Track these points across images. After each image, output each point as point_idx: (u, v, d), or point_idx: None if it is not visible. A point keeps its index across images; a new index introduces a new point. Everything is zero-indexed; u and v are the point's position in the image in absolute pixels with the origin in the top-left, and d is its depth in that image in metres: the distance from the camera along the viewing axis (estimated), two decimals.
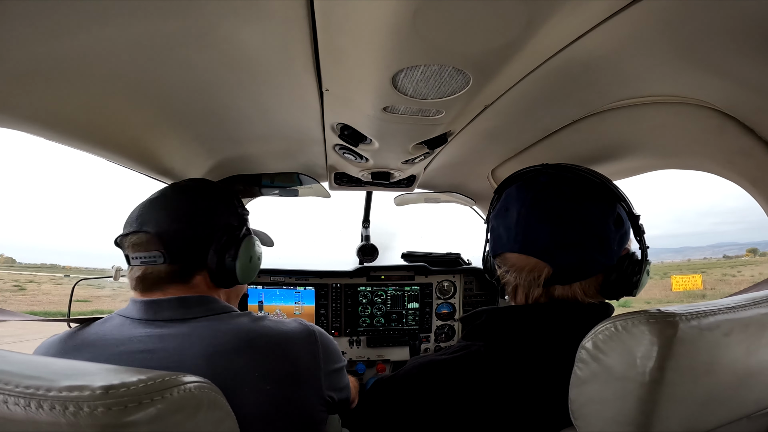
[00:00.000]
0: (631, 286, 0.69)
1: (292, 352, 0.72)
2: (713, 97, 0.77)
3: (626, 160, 1.09)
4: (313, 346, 0.75)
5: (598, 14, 0.56)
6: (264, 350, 0.68)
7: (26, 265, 51.13)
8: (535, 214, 0.69)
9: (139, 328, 0.70)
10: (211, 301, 0.76)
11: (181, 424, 0.41)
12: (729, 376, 0.52)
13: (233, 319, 0.73)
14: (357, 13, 0.52)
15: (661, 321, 0.47)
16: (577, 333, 0.54)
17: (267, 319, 0.75)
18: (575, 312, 0.68)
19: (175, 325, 0.70)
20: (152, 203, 0.77)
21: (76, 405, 0.36)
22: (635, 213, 0.70)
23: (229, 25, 0.61)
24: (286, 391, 0.68)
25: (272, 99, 0.90)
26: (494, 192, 0.82)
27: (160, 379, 0.41)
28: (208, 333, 0.68)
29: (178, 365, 0.63)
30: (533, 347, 0.66)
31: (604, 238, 0.67)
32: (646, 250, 0.71)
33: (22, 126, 0.74)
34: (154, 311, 0.72)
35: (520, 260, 0.71)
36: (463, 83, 0.67)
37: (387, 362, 1.89)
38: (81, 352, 0.67)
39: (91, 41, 0.62)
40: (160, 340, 0.67)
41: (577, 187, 0.69)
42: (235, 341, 0.67)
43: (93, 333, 0.71)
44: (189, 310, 0.72)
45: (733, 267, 44.46)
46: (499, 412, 0.62)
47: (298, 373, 0.71)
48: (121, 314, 0.74)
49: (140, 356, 0.65)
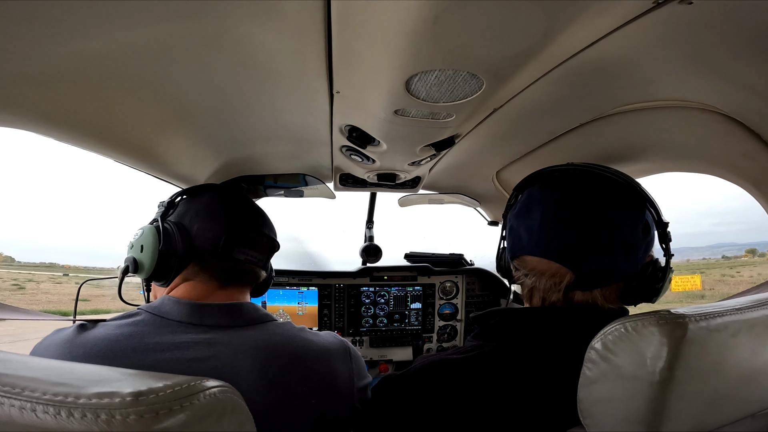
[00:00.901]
0: (653, 293, 0.67)
1: (332, 367, 0.72)
2: (720, 101, 0.78)
3: (632, 163, 1.10)
4: (348, 363, 0.76)
5: (616, 21, 0.57)
6: (312, 364, 0.69)
7: (25, 263, 50.94)
8: (560, 218, 0.66)
9: (180, 332, 0.66)
10: (254, 309, 0.75)
11: (208, 429, 0.41)
12: (735, 375, 0.53)
13: (279, 329, 0.72)
14: (376, 17, 0.52)
15: (671, 322, 0.48)
16: (594, 336, 0.54)
17: (306, 329, 0.76)
18: (594, 316, 0.66)
19: (222, 332, 0.67)
20: (257, 213, 0.87)
21: (108, 413, 0.36)
22: (664, 220, 0.68)
23: (245, 27, 0.61)
24: (327, 405, 0.69)
25: (282, 100, 0.90)
26: (514, 189, 0.79)
27: (186, 384, 0.41)
28: (260, 344, 0.67)
29: (233, 376, 0.61)
30: (548, 349, 0.65)
31: (632, 245, 0.65)
32: (670, 258, 0.68)
33: (33, 126, 0.75)
34: (200, 316, 0.68)
35: (541, 264, 0.69)
36: (475, 87, 0.68)
37: (390, 362, 1.90)
38: (114, 358, 0.60)
39: (106, 42, 0.62)
40: (209, 348, 0.64)
41: (606, 190, 0.66)
42: (287, 354, 0.68)
43: (125, 333, 0.64)
44: (236, 318, 0.71)
45: (732, 267, 44.48)
46: (509, 413, 0.62)
47: (337, 387, 0.72)
48: (154, 312, 0.68)
49: (189, 364, 0.62)
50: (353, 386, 0.76)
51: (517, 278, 0.74)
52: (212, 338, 0.66)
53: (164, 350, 0.63)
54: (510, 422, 0.62)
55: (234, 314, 0.71)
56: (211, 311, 0.70)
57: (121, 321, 0.67)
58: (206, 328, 0.67)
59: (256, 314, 0.74)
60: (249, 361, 0.64)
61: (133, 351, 0.62)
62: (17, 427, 0.38)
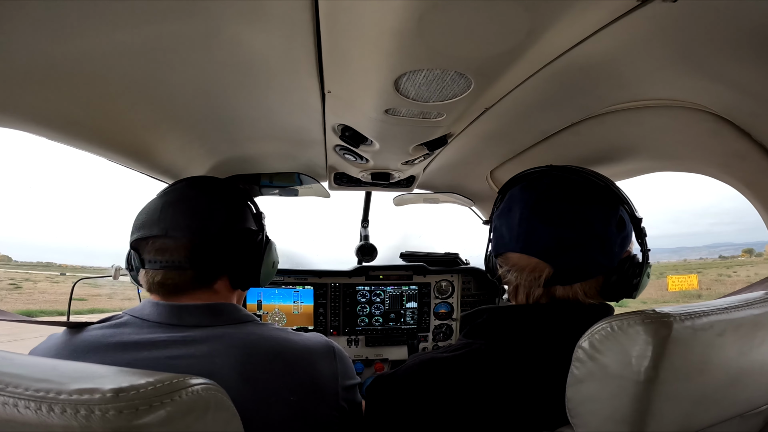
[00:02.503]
0: (631, 288, 0.70)
1: (315, 365, 0.72)
2: (710, 101, 0.78)
3: (624, 163, 1.10)
4: (332, 362, 0.76)
5: (600, 20, 0.57)
6: (291, 362, 0.69)
7: (22, 263, 50.78)
8: (537, 215, 0.70)
9: (159, 332, 0.67)
10: (235, 309, 0.75)
11: (190, 426, 0.41)
12: (722, 375, 0.53)
13: (258, 329, 0.72)
14: (362, 17, 0.53)
15: (656, 321, 0.48)
16: (577, 332, 0.55)
17: (288, 330, 0.76)
18: (575, 312, 0.69)
19: (200, 331, 0.68)
20: (174, 206, 0.74)
21: (88, 408, 0.36)
22: (638, 216, 0.71)
23: (235, 27, 0.62)
24: (308, 404, 0.69)
25: (274, 100, 0.91)
26: (498, 192, 0.83)
27: (169, 381, 0.41)
28: (237, 342, 0.67)
29: (208, 373, 0.61)
30: (533, 346, 0.67)
31: (606, 240, 0.68)
32: (647, 253, 0.71)
33: (26, 126, 0.75)
34: (179, 316, 0.69)
35: (521, 260, 0.72)
36: (464, 87, 0.68)
37: (385, 361, 1.90)
38: (96, 354, 0.64)
39: (96, 42, 0.62)
40: (186, 346, 0.65)
41: (581, 189, 0.70)
42: (265, 352, 0.68)
43: (107, 334, 0.67)
44: (215, 318, 0.71)
45: (729, 267, 44.65)
46: (498, 410, 0.63)
47: (319, 386, 0.72)
48: (136, 316, 0.70)
49: (167, 362, 0.63)
50: (337, 386, 0.75)
51: (502, 276, 0.77)
52: (190, 336, 0.67)
53: (142, 349, 0.64)
54: (498, 419, 0.63)
55: (214, 314, 0.72)
56: (189, 312, 0.71)
57: (105, 323, 0.70)
58: (185, 327, 0.68)
59: (236, 314, 0.74)
60: (225, 359, 0.64)
61: (113, 349, 0.64)
62: (0, 422, 0.38)
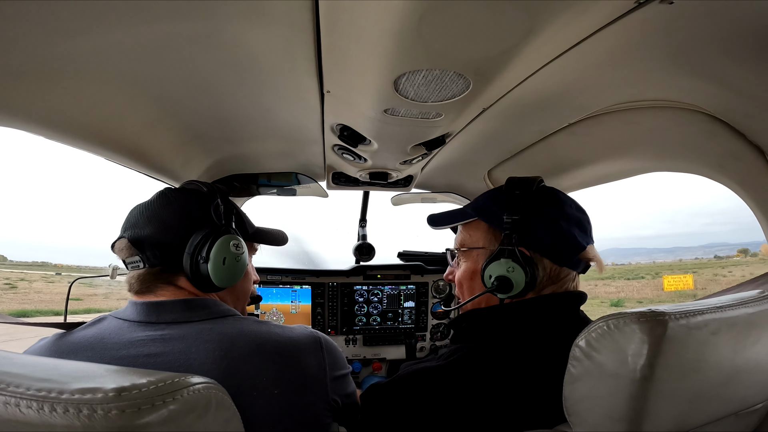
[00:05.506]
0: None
1: (299, 357, 0.72)
2: (705, 102, 0.79)
3: (620, 163, 1.11)
4: (319, 353, 0.76)
5: (596, 22, 0.58)
6: (273, 355, 0.69)
7: (17, 263, 50.38)
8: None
9: (138, 330, 0.68)
10: (213, 304, 0.75)
11: (192, 424, 0.41)
12: (716, 373, 0.54)
13: (238, 323, 0.72)
14: (363, 17, 0.53)
15: (652, 320, 0.49)
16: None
17: (272, 323, 0.75)
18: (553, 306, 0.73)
19: (178, 327, 0.69)
20: (136, 209, 0.78)
21: (90, 408, 0.37)
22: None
23: (235, 27, 0.62)
24: (293, 397, 0.69)
25: (273, 100, 0.90)
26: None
27: (170, 380, 0.42)
28: (215, 336, 0.67)
29: (185, 369, 0.62)
30: (521, 342, 0.69)
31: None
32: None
33: (24, 125, 0.74)
34: (157, 314, 0.70)
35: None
36: (463, 87, 0.68)
37: (383, 361, 1.90)
38: (77, 355, 0.65)
39: (95, 42, 0.62)
40: (163, 343, 0.66)
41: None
42: (244, 346, 0.67)
43: (88, 335, 0.68)
44: (193, 313, 0.72)
45: (724, 267, 44.86)
46: (498, 410, 0.64)
47: (305, 378, 0.71)
48: (117, 316, 0.72)
49: (144, 360, 0.64)
50: (326, 377, 0.75)
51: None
52: (167, 334, 0.67)
53: (121, 348, 0.66)
54: (498, 419, 0.63)
55: (191, 309, 0.72)
56: (166, 308, 0.71)
57: (88, 325, 0.72)
58: (164, 325, 0.69)
59: (215, 309, 0.74)
60: (202, 354, 0.65)
61: (92, 349, 0.66)
62: (1, 422, 0.38)
